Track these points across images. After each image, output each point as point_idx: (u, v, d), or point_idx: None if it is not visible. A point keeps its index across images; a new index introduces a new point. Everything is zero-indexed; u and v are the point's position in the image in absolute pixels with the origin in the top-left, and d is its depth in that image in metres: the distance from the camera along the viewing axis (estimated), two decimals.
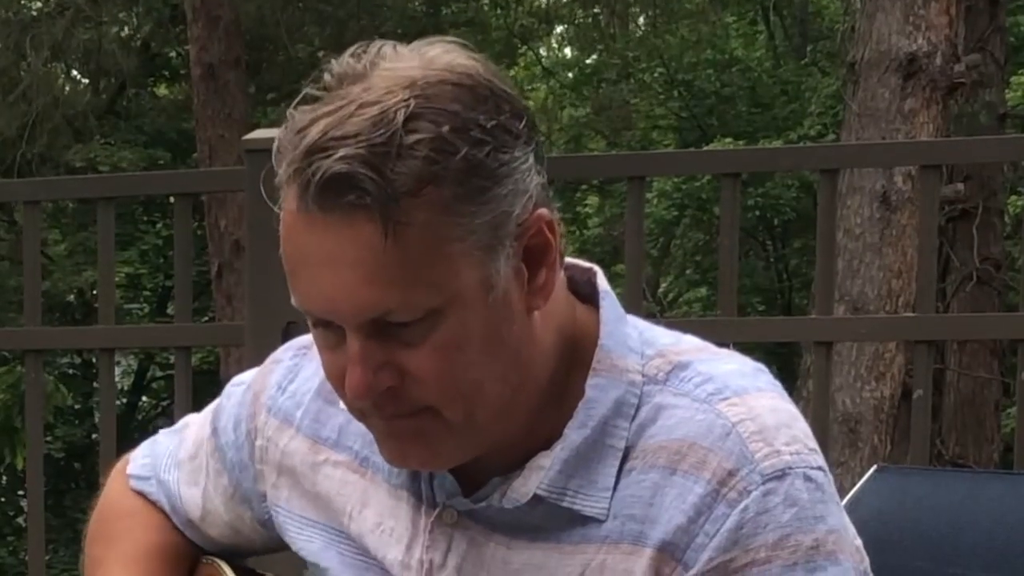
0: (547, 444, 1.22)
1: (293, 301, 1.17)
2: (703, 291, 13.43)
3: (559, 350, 1.22)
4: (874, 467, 1.83)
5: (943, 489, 1.80)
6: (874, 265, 5.94)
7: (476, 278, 1.13)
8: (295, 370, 1.38)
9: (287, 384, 1.37)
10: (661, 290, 13.88)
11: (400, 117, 1.09)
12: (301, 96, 1.15)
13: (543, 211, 1.16)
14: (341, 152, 1.09)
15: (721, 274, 2.95)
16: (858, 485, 1.79)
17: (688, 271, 14.02)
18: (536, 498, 1.21)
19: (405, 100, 1.11)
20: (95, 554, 1.47)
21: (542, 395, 1.21)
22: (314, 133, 1.11)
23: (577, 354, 1.23)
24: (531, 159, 1.15)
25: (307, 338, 1.37)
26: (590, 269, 1.27)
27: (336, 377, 1.18)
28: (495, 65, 1.18)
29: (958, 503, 1.75)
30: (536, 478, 1.21)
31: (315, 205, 1.11)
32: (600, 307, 1.25)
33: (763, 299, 13.27)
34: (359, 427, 1.28)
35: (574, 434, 1.21)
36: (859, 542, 1.25)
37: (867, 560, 1.28)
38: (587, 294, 1.26)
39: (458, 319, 1.13)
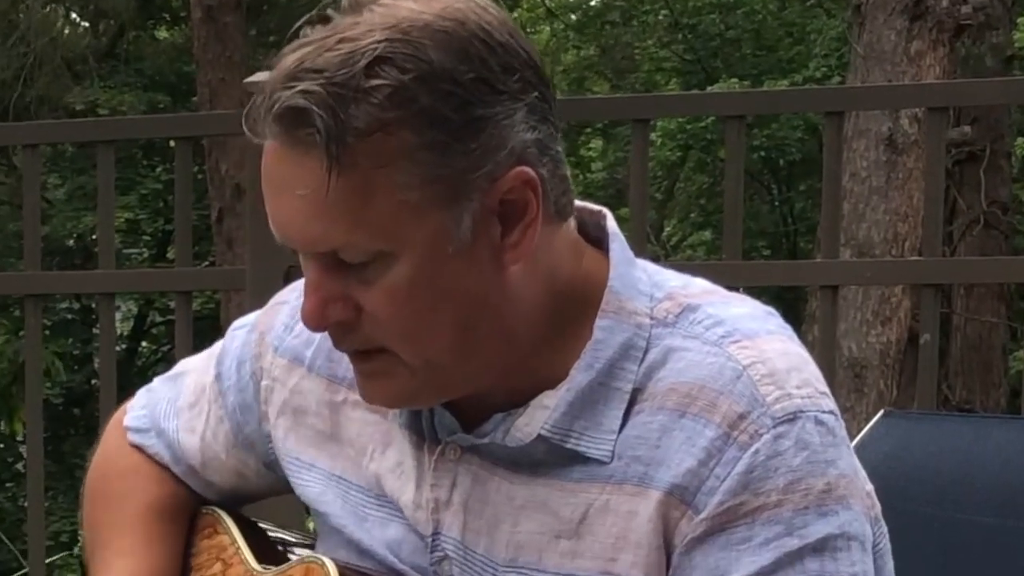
0: (552, 384, 1.21)
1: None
2: (707, 234, 13.41)
3: (554, 299, 1.21)
4: (881, 412, 1.82)
5: (950, 434, 1.79)
6: (880, 208, 5.92)
7: (431, 228, 1.13)
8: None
9: (294, 324, 1.36)
10: (665, 233, 13.86)
11: (365, 60, 1.10)
12: (310, 16, 1.16)
13: (525, 169, 1.14)
14: (302, 86, 1.10)
15: (726, 217, 2.93)
16: (864, 430, 1.77)
17: (692, 214, 13.99)
18: (539, 438, 1.21)
19: (379, 42, 1.11)
20: (94, 516, 1.46)
21: (534, 341, 1.21)
22: (290, 62, 1.12)
23: (585, 298, 1.22)
24: (519, 115, 1.14)
25: None
26: (599, 212, 1.26)
27: None
28: (507, 14, 1.17)
29: (965, 448, 1.74)
30: (540, 417, 1.21)
31: (271, 133, 1.12)
32: (609, 250, 1.24)
33: (768, 243, 13.24)
34: None
35: (580, 375, 1.20)
36: (870, 487, 1.25)
37: (878, 506, 1.27)
38: (596, 237, 1.25)
39: (411, 265, 1.13)
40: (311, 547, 1.40)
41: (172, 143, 3.66)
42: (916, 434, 1.79)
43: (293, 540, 1.47)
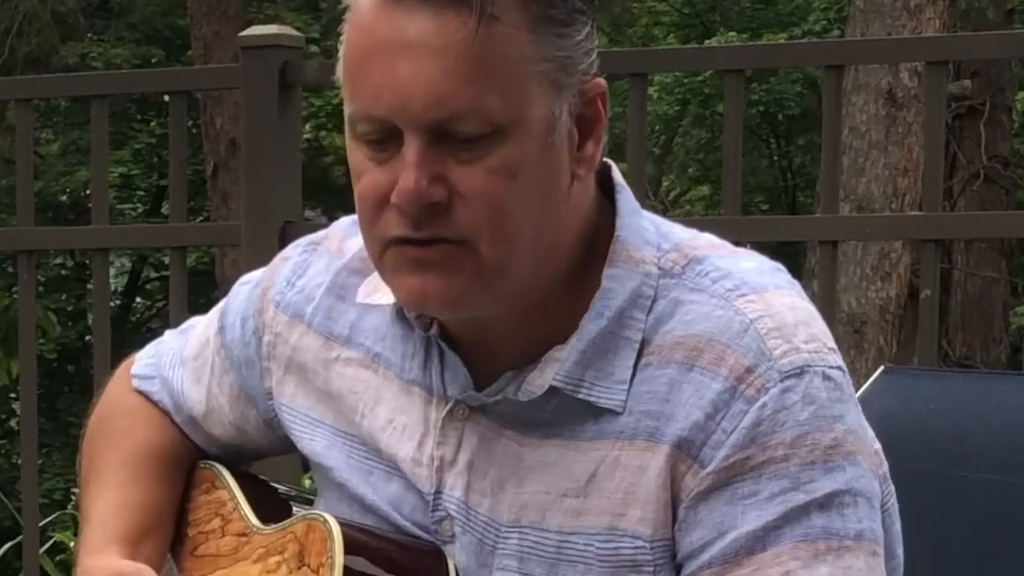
0: (561, 339, 1.21)
1: (353, 107, 1.17)
2: (706, 189, 13.38)
3: (584, 235, 1.22)
4: (881, 368, 1.80)
5: (951, 390, 1.78)
6: (880, 163, 5.89)
7: (542, 110, 1.15)
8: (304, 266, 1.37)
9: (296, 279, 1.36)
10: (663, 188, 13.81)
11: None
12: None
13: (602, 81, 1.19)
14: None
15: (725, 172, 2.91)
16: (864, 387, 1.76)
17: (690, 169, 13.95)
18: (551, 390, 1.20)
19: None
20: (92, 452, 1.46)
21: (562, 280, 1.21)
22: None
23: (596, 246, 1.22)
24: (593, 31, 1.19)
25: (317, 235, 1.38)
26: (605, 163, 1.26)
27: (377, 199, 1.17)
28: None
29: (966, 404, 1.73)
30: (552, 370, 1.20)
31: None
32: (616, 200, 1.24)
33: (767, 198, 13.21)
34: (371, 323, 1.28)
35: (591, 325, 1.20)
36: (878, 446, 1.24)
37: (886, 465, 1.26)
38: (604, 188, 1.26)
39: (518, 146, 1.14)
40: (311, 504, 1.39)
41: (166, 98, 3.63)
42: (916, 390, 1.78)
43: (293, 496, 1.46)
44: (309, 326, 1.34)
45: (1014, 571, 1.62)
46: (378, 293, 1.29)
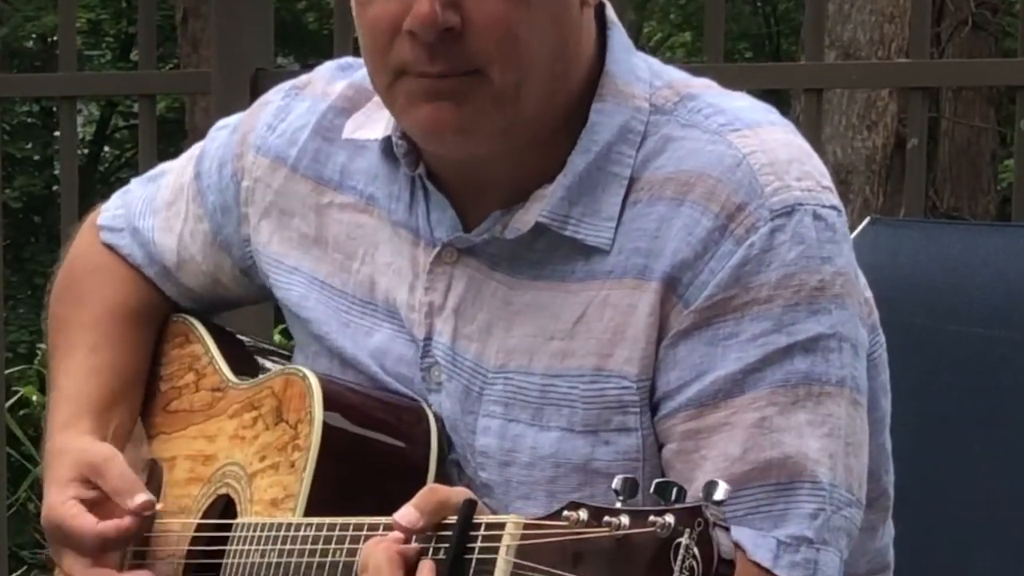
0: (551, 179, 1.20)
1: None
2: (687, 36, 13.25)
3: (585, 71, 1.20)
4: (867, 219, 1.79)
5: (939, 242, 1.77)
6: (866, 9, 5.82)
7: None
8: (286, 110, 1.34)
9: (277, 124, 1.34)
10: (644, 34, 13.67)
11: None
12: None
13: None
14: None
15: (707, 18, 2.85)
16: (850, 238, 1.73)
17: (672, 15, 13.80)
18: (538, 227, 1.19)
19: None
20: (60, 313, 1.44)
21: (560, 115, 1.19)
22: None
23: (587, 83, 1.21)
24: None
25: (299, 79, 1.37)
26: (600, 2, 1.24)
27: (389, 27, 1.15)
28: None
29: (954, 256, 1.72)
30: (538, 207, 1.19)
31: None
32: (608, 37, 1.23)
33: (750, 45, 13.10)
34: (361, 164, 1.27)
35: (577, 159, 1.18)
36: (869, 294, 1.23)
37: (876, 315, 1.25)
38: (598, 28, 1.24)
39: None
40: (287, 359, 1.37)
41: None
42: (904, 242, 1.77)
43: (269, 351, 1.44)
44: (295, 170, 1.31)
45: (999, 422, 1.62)
46: (364, 129, 1.27)
